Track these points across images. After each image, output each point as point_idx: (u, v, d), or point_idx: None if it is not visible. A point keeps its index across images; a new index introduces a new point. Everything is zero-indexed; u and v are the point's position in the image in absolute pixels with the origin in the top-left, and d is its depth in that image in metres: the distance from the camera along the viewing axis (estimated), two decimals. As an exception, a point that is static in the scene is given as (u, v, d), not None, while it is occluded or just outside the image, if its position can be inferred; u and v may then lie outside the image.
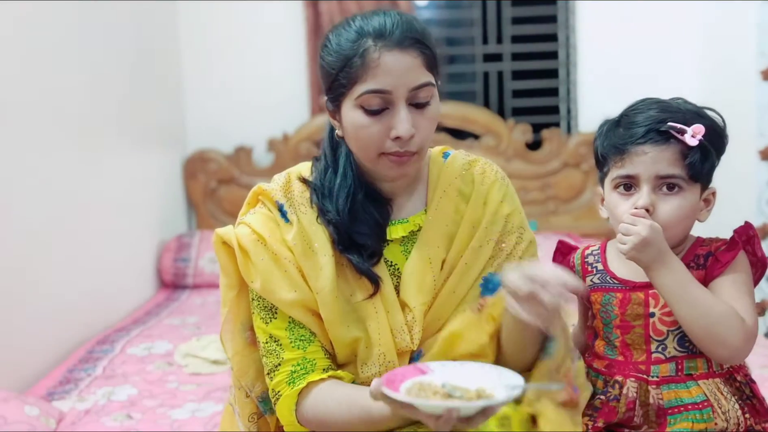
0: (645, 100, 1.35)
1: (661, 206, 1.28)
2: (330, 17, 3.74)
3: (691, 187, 1.29)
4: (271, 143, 3.83)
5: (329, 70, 1.25)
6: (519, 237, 1.37)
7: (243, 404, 1.42)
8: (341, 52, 1.23)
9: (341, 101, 1.25)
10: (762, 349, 2.38)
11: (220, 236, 1.35)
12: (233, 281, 1.36)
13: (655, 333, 1.32)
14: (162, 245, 3.55)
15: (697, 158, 1.27)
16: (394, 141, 1.23)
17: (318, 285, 1.28)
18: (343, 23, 1.27)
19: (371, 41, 1.21)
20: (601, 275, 1.39)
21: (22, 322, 2.30)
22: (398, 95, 1.21)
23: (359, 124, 1.24)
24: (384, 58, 1.20)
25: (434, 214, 1.34)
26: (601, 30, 3.91)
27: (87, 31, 2.82)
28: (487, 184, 1.38)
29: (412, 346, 1.29)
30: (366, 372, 1.30)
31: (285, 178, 1.37)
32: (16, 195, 2.30)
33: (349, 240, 1.29)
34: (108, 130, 2.97)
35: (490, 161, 1.44)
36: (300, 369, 1.29)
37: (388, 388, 1.05)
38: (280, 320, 1.31)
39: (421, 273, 1.31)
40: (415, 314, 1.29)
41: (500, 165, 1.49)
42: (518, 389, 1.06)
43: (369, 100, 1.22)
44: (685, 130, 1.27)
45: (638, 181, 1.29)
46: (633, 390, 1.31)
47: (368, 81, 1.21)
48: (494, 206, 1.36)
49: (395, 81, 1.21)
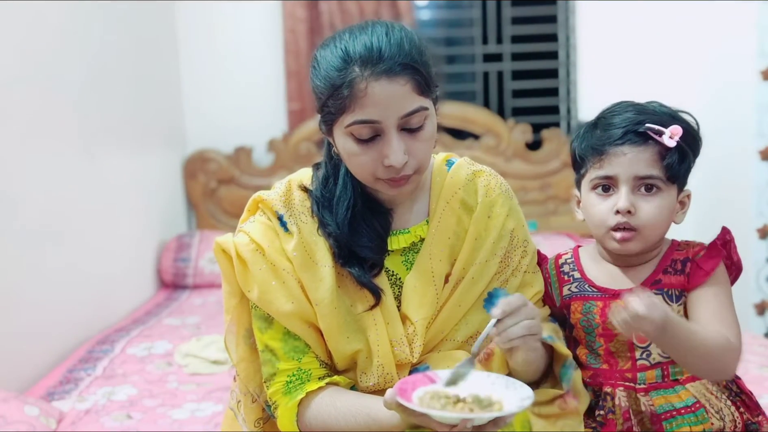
0: (621, 103, 1.36)
1: (641, 207, 1.29)
2: (330, 17, 3.75)
3: (668, 188, 1.30)
4: (271, 143, 3.83)
5: (318, 94, 1.23)
6: (524, 251, 1.37)
7: (249, 410, 1.40)
8: (328, 79, 1.19)
9: (332, 126, 1.23)
10: (762, 349, 2.38)
11: (219, 245, 1.34)
12: (235, 289, 1.35)
13: (639, 340, 1.32)
14: (162, 245, 3.55)
15: (675, 159, 1.28)
16: (387, 169, 1.20)
17: (318, 296, 1.27)
18: (330, 41, 1.23)
19: (357, 69, 1.16)
20: (578, 284, 1.38)
21: (22, 322, 2.30)
22: (388, 124, 1.17)
23: (350, 152, 1.21)
24: (371, 88, 1.15)
25: (437, 227, 1.32)
26: (601, 30, 3.91)
27: (87, 31, 2.81)
28: (491, 197, 1.36)
29: (412, 359, 1.28)
30: (365, 382, 1.29)
31: (285, 186, 1.35)
32: (16, 195, 2.30)
33: (350, 253, 1.28)
34: (108, 131, 2.97)
35: (495, 173, 1.41)
36: (296, 379, 1.29)
37: (402, 398, 1.07)
38: (275, 330, 1.30)
39: (423, 287, 1.29)
40: (417, 328, 1.28)
41: (500, 165, 1.50)
42: (529, 400, 1.07)
43: (359, 130, 1.18)
44: (662, 131, 1.28)
45: (617, 182, 1.30)
46: (624, 400, 1.31)
47: (356, 111, 1.16)
48: (500, 221, 1.34)
49: (384, 111, 1.16)
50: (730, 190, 3.39)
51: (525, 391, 1.09)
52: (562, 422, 1.27)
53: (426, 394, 1.10)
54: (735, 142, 3.27)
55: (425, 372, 1.18)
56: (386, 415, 1.15)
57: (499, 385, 1.12)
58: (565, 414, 1.28)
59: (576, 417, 1.28)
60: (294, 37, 3.79)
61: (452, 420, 1.05)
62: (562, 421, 1.27)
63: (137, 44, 3.31)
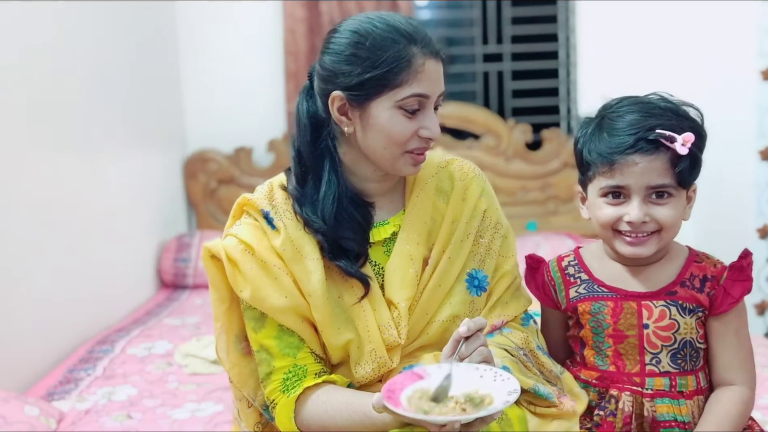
0: (623, 101, 1.32)
1: (655, 214, 1.27)
2: (330, 17, 3.74)
3: (679, 192, 1.29)
4: (272, 143, 3.83)
5: (362, 69, 1.25)
6: (495, 232, 1.41)
7: (247, 415, 1.42)
8: (384, 53, 1.24)
9: (372, 100, 1.26)
10: (762, 349, 2.38)
11: (208, 250, 1.35)
12: (224, 295, 1.36)
13: (650, 345, 1.31)
14: (162, 245, 3.55)
15: (687, 166, 1.25)
16: (421, 139, 1.29)
17: (310, 288, 1.29)
18: (365, 21, 1.28)
19: (416, 47, 1.25)
20: (587, 285, 1.37)
21: (22, 322, 2.30)
22: (432, 99, 1.29)
23: (394, 123, 1.27)
24: (428, 64, 1.26)
25: (412, 212, 1.37)
26: (601, 30, 3.91)
27: (87, 31, 2.81)
28: (465, 181, 1.41)
29: (400, 341, 1.31)
30: (360, 372, 1.31)
31: (268, 187, 1.39)
32: (16, 195, 2.30)
33: (338, 247, 1.31)
34: (108, 131, 2.97)
35: (468, 160, 1.48)
36: (292, 376, 1.30)
37: (390, 402, 1.07)
38: (269, 328, 1.32)
39: (403, 269, 1.33)
40: (401, 310, 1.31)
41: (500, 165, 1.53)
42: (515, 393, 1.07)
43: (411, 103, 1.26)
44: (674, 137, 1.24)
45: (629, 192, 1.27)
46: (629, 404, 1.31)
47: (413, 84, 1.25)
48: (473, 202, 1.40)
49: (433, 87, 1.28)
50: (730, 190, 3.39)
51: (512, 384, 1.10)
52: (557, 422, 1.28)
53: (415, 393, 1.11)
54: (735, 142, 3.27)
55: (413, 369, 1.19)
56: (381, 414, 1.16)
57: (487, 378, 1.12)
58: (561, 414, 1.28)
59: (572, 417, 1.29)
60: (294, 37, 3.79)
61: (439, 422, 1.06)
62: (557, 422, 1.28)
63: (138, 44, 3.31)
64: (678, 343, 1.31)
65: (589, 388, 1.36)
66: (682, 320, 1.30)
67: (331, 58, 1.28)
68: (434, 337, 1.34)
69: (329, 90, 1.29)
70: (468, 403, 1.08)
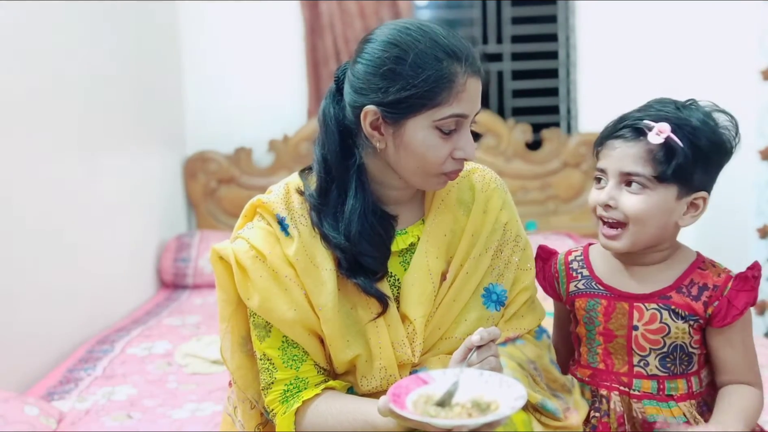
0: (658, 98, 1.33)
1: (621, 200, 1.27)
2: (330, 17, 3.75)
3: (656, 186, 1.25)
4: (272, 144, 3.83)
5: (400, 86, 1.18)
6: (515, 245, 1.36)
7: (248, 416, 1.40)
8: (425, 71, 1.17)
9: (408, 118, 1.19)
10: (762, 349, 2.38)
11: (217, 252, 1.31)
12: (231, 296, 1.32)
13: (638, 347, 1.31)
14: (162, 245, 3.55)
15: (661, 157, 1.24)
16: (456, 161, 1.23)
17: (321, 301, 1.25)
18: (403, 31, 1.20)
19: (459, 66, 1.18)
20: (586, 281, 1.38)
21: (22, 322, 2.30)
22: (470, 119, 1.23)
23: (430, 144, 1.20)
24: (469, 84, 1.19)
25: (432, 225, 1.32)
26: (601, 30, 3.91)
27: (87, 32, 2.81)
28: (487, 192, 1.36)
29: (413, 359, 1.27)
30: (366, 385, 1.29)
31: (284, 189, 1.32)
32: (16, 195, 2.30)
33: (356, 264, 1.25)
34: (108, 131, 2.97)
35: (489, 168, 1.42)
36: (293, 388, 1.28)
37: (395, 405, 1.06)
38: (274, 339, 1.29)
39: (421, 285, 1.28)
40: (416, 327, 1.27)
41: (500, 165, 1.50)
42: (522, 399, 1.06)
43: (449, 124, 1.19)
44: (650, 126, 1.24)
45: (607, 176, 1.29)
46: (619, 404, 1.31)
47: (453, 105, 1.18)
48: (494, 215, 1.35)
49: (472, 107, 1.21)
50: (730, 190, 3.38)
51: (518, 390, 1.08)
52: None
53: (420, 398, 1.09)
54: (735, 142, 3.27)
55: (418, 374, 1.17)
56: (382, 419, 1.14)
57: (492, 384, 1.11)
58: (566, 427, 1.27)
59: (576, 429, 1.28)
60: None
61: (446, 425, 1.04)
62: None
63: (138, 45, 3.31)
64: (667, 347, 1.30)
65: (585, 386, 1.36)
66: (673, 324, 1.29)
67: (366, 69, 1.20)
68: (444, 353, 1.30)
69: (362, 103, 1.21)
70: (474, 408, 1.07)
